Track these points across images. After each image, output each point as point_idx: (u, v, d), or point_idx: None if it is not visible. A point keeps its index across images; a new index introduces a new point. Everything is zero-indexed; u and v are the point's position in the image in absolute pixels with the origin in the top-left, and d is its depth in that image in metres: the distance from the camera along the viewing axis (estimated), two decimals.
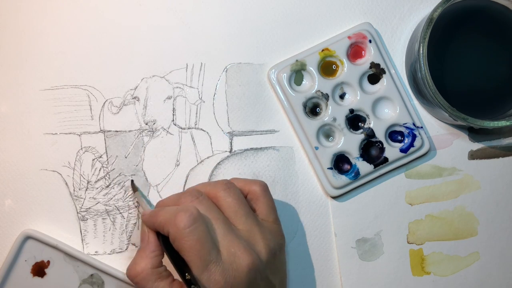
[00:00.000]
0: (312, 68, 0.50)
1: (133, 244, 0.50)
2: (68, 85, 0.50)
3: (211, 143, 0.51)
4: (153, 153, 0.51)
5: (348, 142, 0.50)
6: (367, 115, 0.50)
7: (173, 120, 0.51)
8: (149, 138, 0.51)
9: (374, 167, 0.50)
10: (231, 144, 0.51)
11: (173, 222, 0.41)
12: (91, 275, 0.49)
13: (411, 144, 0.50)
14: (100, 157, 0.50)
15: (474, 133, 0.52)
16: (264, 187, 0.46)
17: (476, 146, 0.52)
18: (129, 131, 0.51)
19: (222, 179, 0.47)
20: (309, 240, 0.51)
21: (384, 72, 0.50)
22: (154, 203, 0.50)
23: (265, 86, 0.51)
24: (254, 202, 0.46)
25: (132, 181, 0.50)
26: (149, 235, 0.44)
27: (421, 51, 0.46)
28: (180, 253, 0.41)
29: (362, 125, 0.50)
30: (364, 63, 0.50)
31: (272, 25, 0.51)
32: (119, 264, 0.50)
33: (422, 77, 0.46)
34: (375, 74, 0.50)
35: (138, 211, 0.50)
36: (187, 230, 0.41)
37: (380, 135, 0.50)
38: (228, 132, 0.51)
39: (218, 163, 0.51)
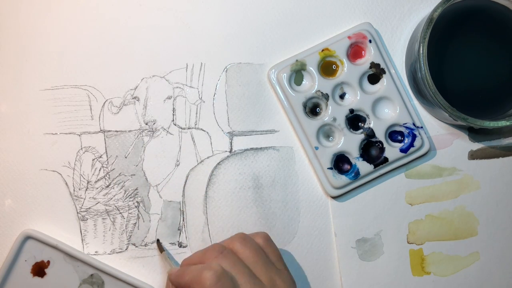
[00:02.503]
0: (312, 68, 0.50)
1: (133, 244, 0.50)
2: (68, 85, 0.50)
3: (211, 143, 0.51)
4: (153, 153, 0.51)
5: (348, 142, 0.50)
6: (367, 115, 0.50)
7: (173, 120, 0.51)
8: (149, 138, 0.51)
9: (374, 167, 0.50)
10: (231, 144, 0.51)
11: (199, 281, 0.42)
12: (91, 275, 0.49)
13: (411, 144, 0.50)
14: (100, 157, 0.50)
15: (474, 133, 0.52)
16: (267, 237, 0.47)
17: (476, 146, 0.52)
18: (129, 131, 0.51)
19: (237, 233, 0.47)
20: (309, 240, 0.51)
21: (384, 72, 0.50)
22: (155, 204, 0.50)
23: (265, 86, 0.51)
24: None
25: (157, 240, 0.50)
26: None
27: (421, 51, 0.46)
28: None
29: (362, 125, 0.50)
30: (364, 63, 0.50)
31: (272, 25, 0.51)
32: (119, 264, 0.50)
33: (422, 77, 0.46)
34: (375, 74, 0.50)
35: (138, 211, 0.50)
36: None
37: (380, 135, 0.50)
38: (228, 132, 0.51)
39: (218, 163, 0.51)
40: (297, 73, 0.50)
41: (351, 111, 0.50)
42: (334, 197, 0.51)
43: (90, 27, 0.51)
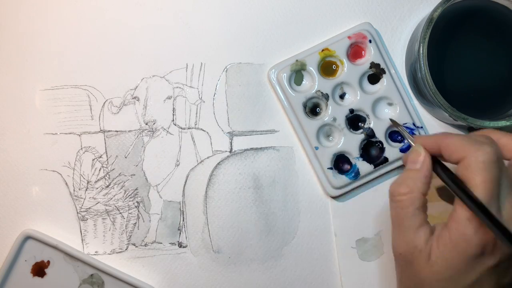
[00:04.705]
0: (312, 68, 0.50)
1: (133, 244, 0.50)
2: (68, 85, 0.50)
3: (211, 143, 0.51)
4: (153, 153, 0.51)
5: (348, 142, 0.50)
6: (367, 115, 0.50)
7: (173, 120, 0.51)
8: (149, 138, 0.51)
9: (374, 167, 0.50)
10: (231, 144, 0.51)
11: (473, 150, 0.37)
12: (91, 275, 0.49)
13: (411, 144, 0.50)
14: (100, 157, 0.50)
15: None
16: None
17: None
18: (129, 131, 0.51)
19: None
20: (309, 240, 0.51)
21: (384, 72, 0.50)
22: (155, 204, 0.50)
23: (265, 86, 0.51)
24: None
25: (390, 119, 0.49)
26: (425, 158, 0.40)
27: (421, 51, 0.46)
28: (467, 183, 0.37)
29: (362, 125, 0.50)
30: (364, 63, 0.50)
31: (272, 25, 0.51)
32: (119, 264, 0.50)
33: (422, 77, 0.46)
34: (375, 74, 0.50)
35: (138, 211, 0.50)
36: (487, 165, 0.37)
37: (380, 135, 0.50)
38: (228, 132, 0.51)
39: (218, 163, 0.51)
40: (297, 73, 0.50)
41: (351, 111, 0.50)
42: (334, 197, 0.51)
43: (90, 27, 0.51)
